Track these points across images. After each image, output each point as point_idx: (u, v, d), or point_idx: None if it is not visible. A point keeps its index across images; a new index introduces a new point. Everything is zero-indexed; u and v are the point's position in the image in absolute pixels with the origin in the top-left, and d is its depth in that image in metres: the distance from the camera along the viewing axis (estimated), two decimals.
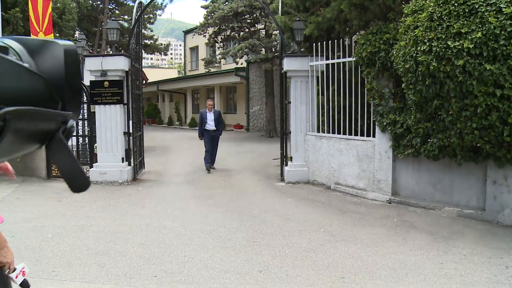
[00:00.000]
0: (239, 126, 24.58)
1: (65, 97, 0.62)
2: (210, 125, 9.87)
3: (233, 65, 22.68)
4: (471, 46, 4.65)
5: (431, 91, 5.24)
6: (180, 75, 41.53)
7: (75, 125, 0.65)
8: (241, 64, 21.74)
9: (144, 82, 13.07)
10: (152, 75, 34.42)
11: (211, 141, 9.84)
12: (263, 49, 19.53)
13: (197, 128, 10.46)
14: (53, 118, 0.60)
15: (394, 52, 5.95)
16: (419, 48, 5.19)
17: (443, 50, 4.89)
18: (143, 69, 11.83)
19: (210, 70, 24.24)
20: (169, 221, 5.71)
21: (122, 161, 8.46)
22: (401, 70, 5.73)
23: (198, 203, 6.84)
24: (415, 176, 6.66)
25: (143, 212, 6.19)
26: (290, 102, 8.70)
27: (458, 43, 4.75)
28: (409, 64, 5.42)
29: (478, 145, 5.30)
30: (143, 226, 5.48)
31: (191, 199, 7.09)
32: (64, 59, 0.62)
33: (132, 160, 8.72)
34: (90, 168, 8.59)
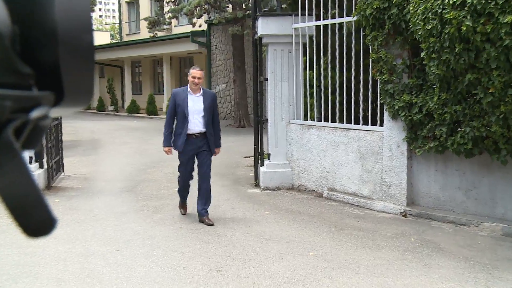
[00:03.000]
0: None
1: (58, 64, 0.51)
2: (196, 123, 6.44)
3: (189, 28, 22.38)
4: None
5: (463, 61, 5.22)
6: (114, 41, 40.75)
7: (48, 116, 0.53)
8: (200, 26, 21.48)
9: None
10: None
11: (195, 157, 6.58)
12: (230, 5, 19.32)
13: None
14: None
15: (411, 8, 5.91)
16: (446, 1, 5.15)
17: (482, 1, 4.85)
18: None
19: (156, 34, 23.86)
20: (99, 245, 5.61)
21: (30, 162, 8.20)
22: (420, 33, 5.69)
23: (141, 218, 6.76)
24: (440, 179, 6.67)
25: (61, 233, 6.03)
26: (267, 79, 8.65)
27: None
28: (431, 24, 5.39)
29: None
30: (62, 253, 5.33)
31: (130, 214, 7.01)
32: None
33: (45, 160, 8.52)
34: None
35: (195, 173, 6.60)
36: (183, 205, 6.92)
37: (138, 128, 19.54)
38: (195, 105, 6.43)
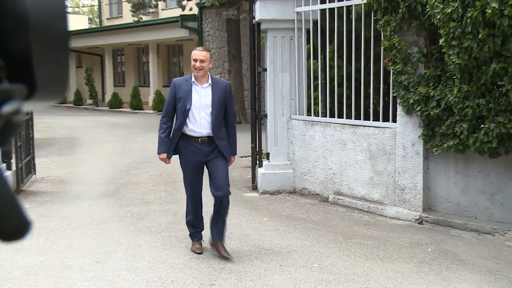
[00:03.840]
0: None
1: (30, 55, 0.52)
2: (203, 123, 5.51)
3: (178, 12, 22.34)
4: None
5: (488, 48, 5.20)
6: (93, 26, 40.68)
7: (21, 111, 0.56)
8: (190, 10, 21.44)
9: None
10: None
11: (203, 167, 5.70)
12: None
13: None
14: None
15: None
16: None
17: None
18: None
19: (141, 18, 23.79)
20: (76, 257, 5.59)
21: None
22: (438, 17, 5.68)
23: (124, 226, 6.76)
24: (460, 181, 6.66)
25: (32, 244, 5.98)
26: (266, 70, 8.67)
27: None
28: (452, 7, 5.37)
29: None
30: (33, 266, 5.29)
31: (112, 221, 7.00)
32: None
33: (13, 161, 8.49)
34: None
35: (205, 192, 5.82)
36: (196, 240, 5.81)
37: (120, 125, 19.53)
38: (202, 99, 5.51)
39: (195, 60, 5.47)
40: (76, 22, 42.46)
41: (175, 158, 5.69)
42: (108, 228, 6.65)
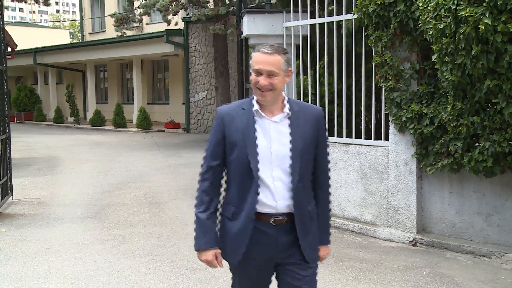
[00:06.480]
0: (173, 124, 24.36)
1: None
2: (274, 186, 2.93)
3: (163, 26, 22.39)
4: None
5: (481, 65, 5.23)
6: (75, 41, 40.65)
7: None
8: (176, 24, 21.49)
9: (9, 50, 12.55)
10: (26, 39, 33.42)
11: (272, 274, 3.15)
12: (211, 0, 19.37)
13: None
14: None
15: (420, 4, 5.94)
16: None
17: None
18: (7, 28, 11.46)
19: (124, 33, 23.82)
20: (55, 283, 5.54)
21: None
22: (431, 33, 5.71)
23: (106, 250, 6.71)
24: (455, 202, 6.68)
25: (8, 270, 5.97)
26: None
27: None
28: (444, 22, 5.40)
29: None
30: None
31: (93, 244, 6.95)
32: None
33: None
34: None
35: None
36: None
37: (103, 143, 19.44)
38: (274, 144, 2.98)
39: (258, 73, 2.90)
40: (57, 37, 42.55)
41: None
42: (89, 252, 6.59)
